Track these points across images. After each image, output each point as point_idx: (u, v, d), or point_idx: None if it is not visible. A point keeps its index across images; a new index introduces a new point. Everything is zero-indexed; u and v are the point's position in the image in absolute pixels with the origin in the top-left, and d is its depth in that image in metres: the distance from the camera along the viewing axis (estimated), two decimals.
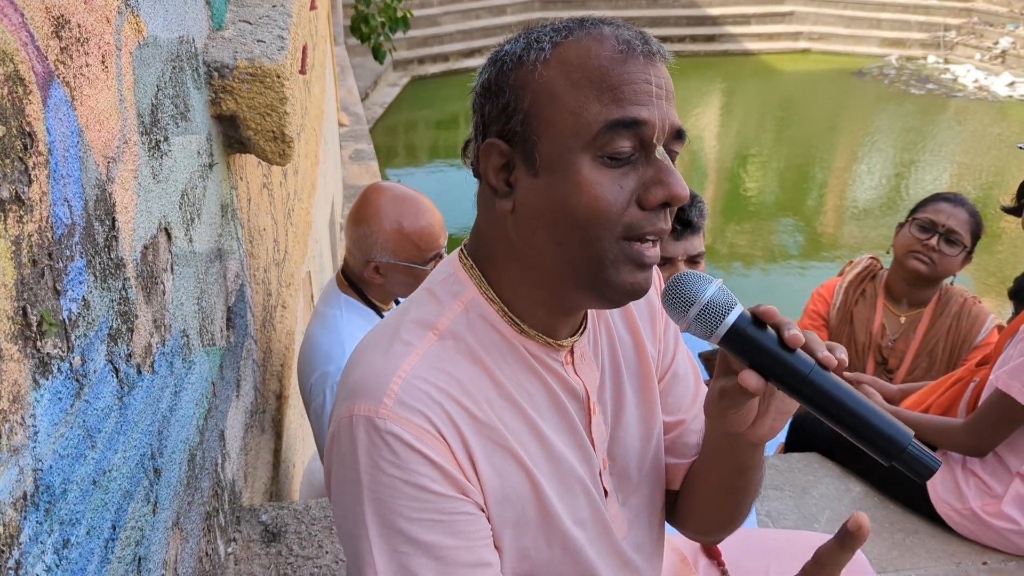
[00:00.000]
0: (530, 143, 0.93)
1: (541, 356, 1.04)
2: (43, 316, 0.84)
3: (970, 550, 2.21)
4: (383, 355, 0.99)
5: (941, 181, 10.87)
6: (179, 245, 1.40)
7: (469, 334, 1.01)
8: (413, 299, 1.07)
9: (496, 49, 1.00)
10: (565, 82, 0.91)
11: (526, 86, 0.93)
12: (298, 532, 1.95)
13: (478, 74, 1.01)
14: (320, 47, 4.43)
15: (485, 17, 15.75)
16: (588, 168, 0.91)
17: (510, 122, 0.94)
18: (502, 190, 0.97)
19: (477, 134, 1.00)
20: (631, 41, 0.92)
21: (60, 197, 0.89)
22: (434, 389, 0.96)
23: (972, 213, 2.74)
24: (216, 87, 1.66)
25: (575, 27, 0.95)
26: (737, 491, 1.17)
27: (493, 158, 0.97)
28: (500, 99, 0.95)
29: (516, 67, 0.95)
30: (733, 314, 0.93)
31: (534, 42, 0.95)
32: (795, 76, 15.49)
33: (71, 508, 0.92)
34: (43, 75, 0.85)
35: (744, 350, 0.93)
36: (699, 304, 0.93)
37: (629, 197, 0.92)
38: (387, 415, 0.93)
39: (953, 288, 2.88)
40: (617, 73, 0.90)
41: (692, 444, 1.26)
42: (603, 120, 0.90)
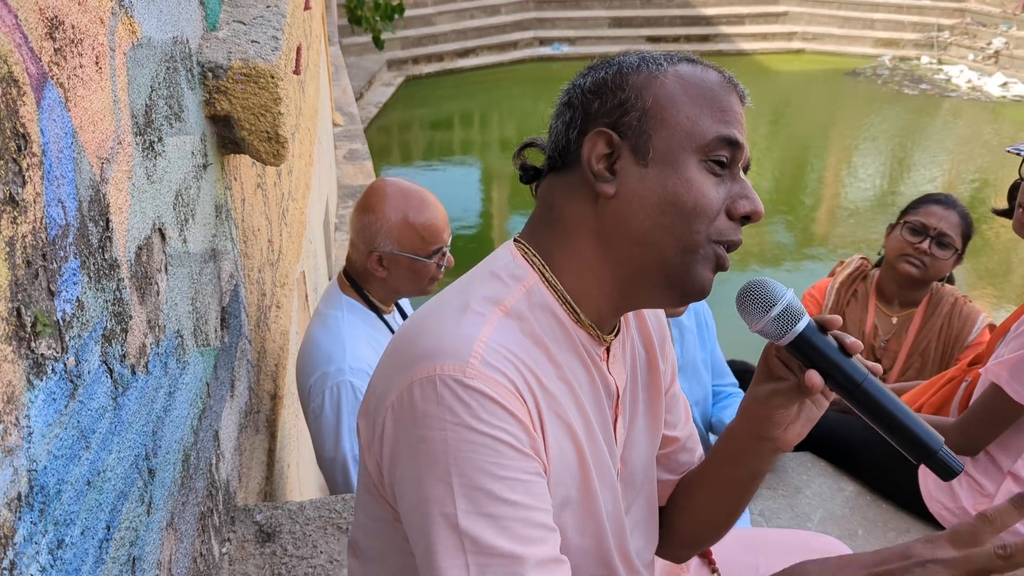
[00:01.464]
0: (644, 136, 1.01)
1: (589, 347, 1.08)
2: (37, 317, 0.84)
3: None
4: (457, 322, 0.99)
5: (934, 181, 10.90)
6: (173, 246, 1.40)
7: (531, 316, 1.03)
8: (475, 278, 1.07)
9: (605, 60, 1.08)
10: (683, 94, 1.01)
11: (647, 88, 1.02)
12: (292, 532, 1.95)
13: (584, 75, 1.08)
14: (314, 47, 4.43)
15: (479, 17, 15.74)
16: (695, 168, 1.00)
17: (627, 116, 1.02)
18: (605, 176, 1.02)
19: (571, 128, 1.06)
20: (732, 79, 1.06)
21: (54, 198, 0.89)
22: (511, 355, 0.98)
23: (963, 215, 2.75)
24: (210, 88, 1.66)
25: (683, 57, 1.06)
26: (743, 496, 1.24)
27: (599, 146, 1.02)
28: (618, 95, 1.03)
29: (637, 71, 1.03)
30: (804, 319, 1.03)
31: (649, 59, 1.05)
32: (789, 76, 15.52)
33: (65, 508, 0.92)
34: (37, 76, 0.86)
35: (808, 353, 1.03)
36: (780, 305, 1.02)
37: (722, 204, 1.02)
38: (475, 374, 0.93)
39: (944, 288, 2.89)
40: (725, 100, 1.03)
41: (683, 462, 1.33)
42: (715, 132, 1.00)
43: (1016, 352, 2.07)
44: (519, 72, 15.11)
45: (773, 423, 1.10)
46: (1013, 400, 2.05)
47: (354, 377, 2.09)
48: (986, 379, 2.16)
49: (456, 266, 2.15)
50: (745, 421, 1.15)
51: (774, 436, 1.11)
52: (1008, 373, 2.07)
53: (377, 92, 13.16)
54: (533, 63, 15.41)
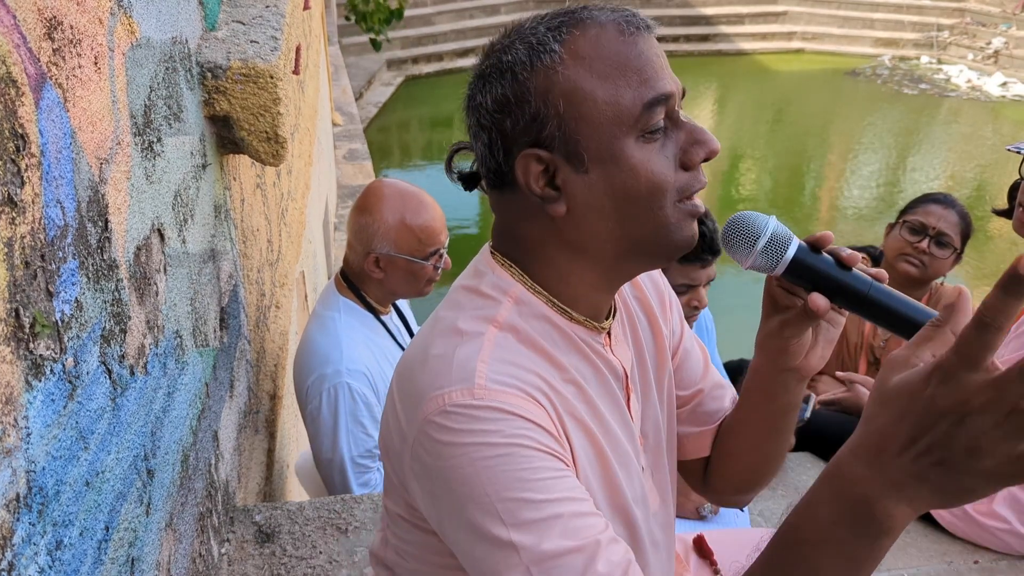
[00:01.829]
0: (572, 143, 0.95)
1: (588, 339, 1.07)
2: (36, 318, 0.84)
3: (962, 549, 2.22)
4: (455, 348, 0.97)
5: (934, 181, 10.90)
6: (172, 246, 1.40)
7: (525, 325, 1.01)
8: (462, 297, 1.06)
9: (490, 62, 0.99)
10: (590, 76, 0.94)
11: (551, 90, 0.95)
12: (292, 532, 1.95)
13: (479, 91, 1.00)
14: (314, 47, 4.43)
15: (479, 16, 15.74)
16: (635, 150, 0.95)
17: (545, 129, 0.95)
18: (550, 196, 0.98)
19: (494, 150, 1.00)
20: (629, 20, 0.97)
21: (53, 199, 0.89)
22: (516, 368, 0.96)
23: (962, 215, 2.75)
24: (209, 88, 1.66)
25: (566, 20, 0.97)
26: (781, 433, 1.22)
27: (532, 167, 0.97)
28: (526, 109, 0.95)
29: (532, 74, 0.95)
30: (794, 244, 1.00)
31: (537, 45, 0.96)
32: (789, 76, 15.51)
33: (64, 509, 0.92)
34: (36, 77, 0.85)
35: (807, 276, 1.00)
36: (765, 236, 0.99)
37: (674, 163, 0.98)
38: (483, 393, 0.91)
39: (943, 288, 2.89)
40: (634, 55, 0.95)
41: (712, 410, 1.32)
42: (640, 102, 0.94)
43: (1016, 353, 2.07)
44: None
45: (791, 354, 1.09)
46: None
47: (351, 379, 2.09)
48: None
49: (456, 265, 2.15)
50: (763, 357, 1.13)
51: (796, 366, 1.09)
52: None
53: (377, 92, 13.16)
54: None
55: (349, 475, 2.15)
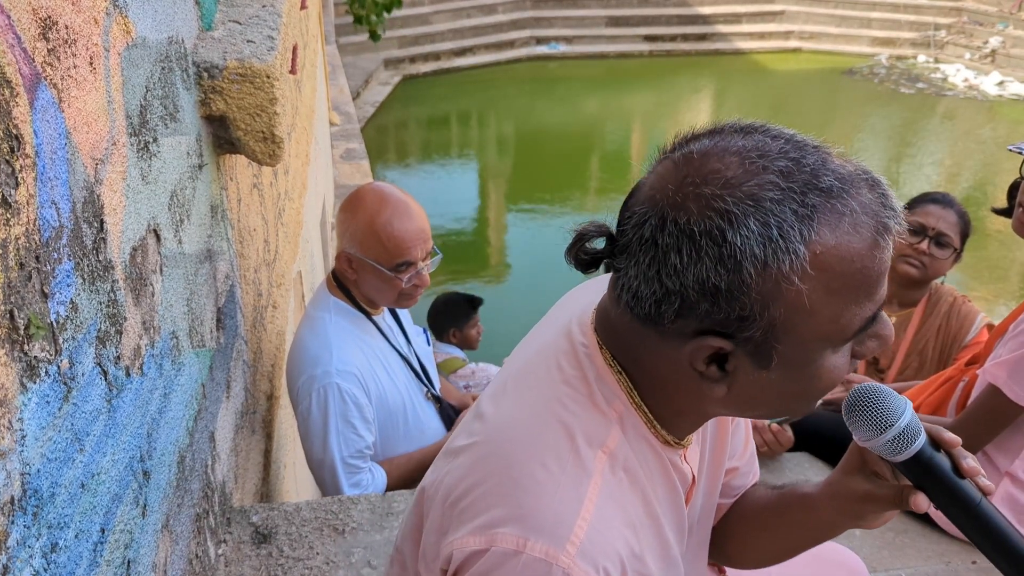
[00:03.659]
0: (767, 347, 0.84)
1: (674, 459, 1.01)
2: (31, 319, 0.84)
3: (960, 549, 2.21)
4: (558, 475, 0.88)
5: (931, 180, 10.90)
6: (168, 246, 1.39)
7: (629, 451, 0.94)
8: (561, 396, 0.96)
9: (707, 225, 0.80)
10: (824, 293, 0.80)
11: (776, 300, 0.80)
12: (288, 533, 1.94)
13: (678, 251, 0.81)
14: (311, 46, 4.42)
15: (476, 16, 15.72)
16: (830, 358, 0.86)
17: (747, 331, 0.82)
18: (713, 376, 0.87)
19: (665, 309, 0.84)
20: (887, 225, 0.83)
21: (48, 200, 0.88)
22: (616, 535, 0.88)
23: (960, 214, 2.75)
24: (206, 88, 1.66)
25: (820, 205, 0.80)
26: (808, 547, 1.19)
27: (706, 350, 0.85)
28: (735, 307, 0.81)
29: (761, 276, 0.79)
30: (920, 440, 0.92)
31: (778, 239, 0.78)
32: (786, 75, 15.52)
33: (59, 512, 0.91)
34: (30, 77, 0.85)
35: (918, 473, 0.94)
36: (897, 428, 0.91)
37: (850, 356, 0.90)
38: (569, 564, 0.83)
39: (943, 287, 2.89)
40: (876, 270, 0.83)
41: (738, 486, 1.28)
42: (859, 323, 0.84)
43: (1014, 352, 2.07)
44: (516, 71, 15.09)
45: (864, 519, 1.03)
46: (1011, 401, 2.05)
47: (341, 379, 2.08)
48: (984, 380, 2.15)
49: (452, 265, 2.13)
50: (831, 507, 1.07)
51: (862, 524, 1.05)
52: (1006, 374, 2.06)
53: (374, 91, 13.15)
54: (530, 62, 15.39)
55: (340, 476, 2.14)
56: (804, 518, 1.15)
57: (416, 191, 2.24)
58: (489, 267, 8.57)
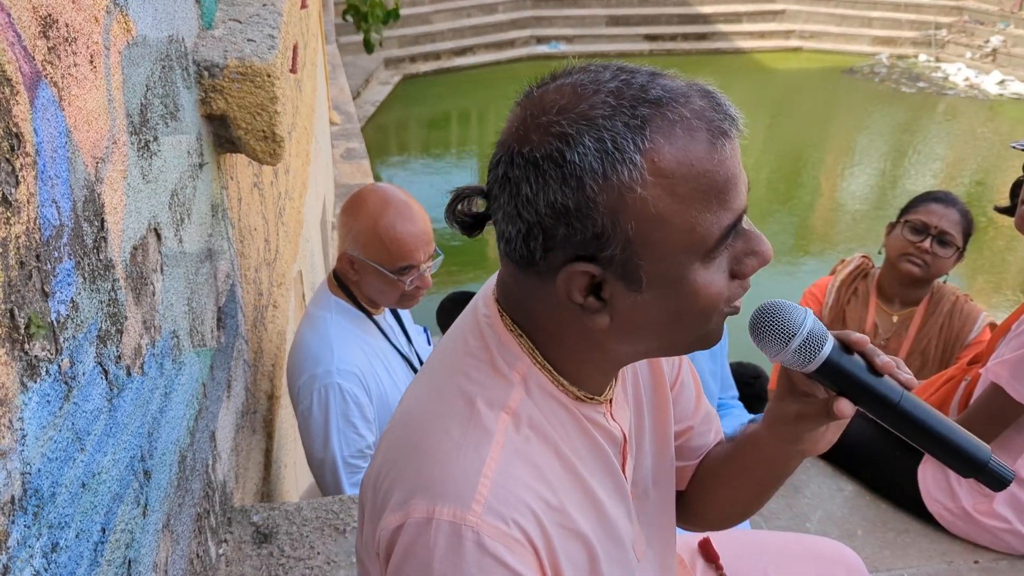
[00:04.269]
0: (632, 266, 0.85)
1: (590, 414, 1.01)
2: (31, 319, 0.83)
3: (962, 549, 2.21)
4: (460, 440, 0.91)
5: (932, 179, 10.90)
6: (169, 246, 1.39)
7: (534, 408, 0.96)
8: (465, 367, 0.98)
9: (547, 151, 0.83)
10: (671, 200, 0.82)
11: (623, 211, 0.82)
12: (289, 533, 1.94)
13: (527, 182, 0.85)
14: (311, 45, 4.42)
15: (476, 15, 15.72)
16: (699, 273, 0.87)
17: (606, 250, 0.84)
18: (593, 307, 0.89)
19: (531, 244, 0.87)
20: (721, 125, 0.85)
21: (48, 198, 0.88)
22: (523, 488, 0.90)
23: (963, 213, 2.74)
24: (206, 86, 1.65)
25: (650, 115, 0.82)
26: (767, 493, 1.22)
27: (577, 279, 0.87)
28: (588, 226, 0.83)
29: (603, 188, 0.82)
30: (828, 344, 0.93)
31: (613, 151, 0.81)
32: (786, 74, 15.51)
33: (60, 511, 0.91)
34: (30, 75, 0.85)
35: (835, 378, 0.95)
36: (801, 336, 0.92)
37: (729, 276, 0.91)
38: (476, 522, 0.85)
39: (945, 286, 2.88)
40: (721, 174, 0.84)
41: (697, 447, 1.29)
42: (718, 231, 0.86)
43: (1017, 351, 2.07)
44: (516, 71, 15.08)
45: (802, 440, 1.05)
46: (1013, 399, 2.05)
47: (342, 379, 2.08)
48: (986, 378, 2.15)
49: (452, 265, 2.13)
50: (770, 436, 1.10)
51: (803, 449, 1.07)
52: (1008, 372, 2.06)
53: (374, 91, 13.14)
54: (530, 62, 15.38)
55: (341, 475, 2.14)
56: (753, 457, 1.17)
57: (416, 191, 2.23)
58: (488, 267, 8.57)
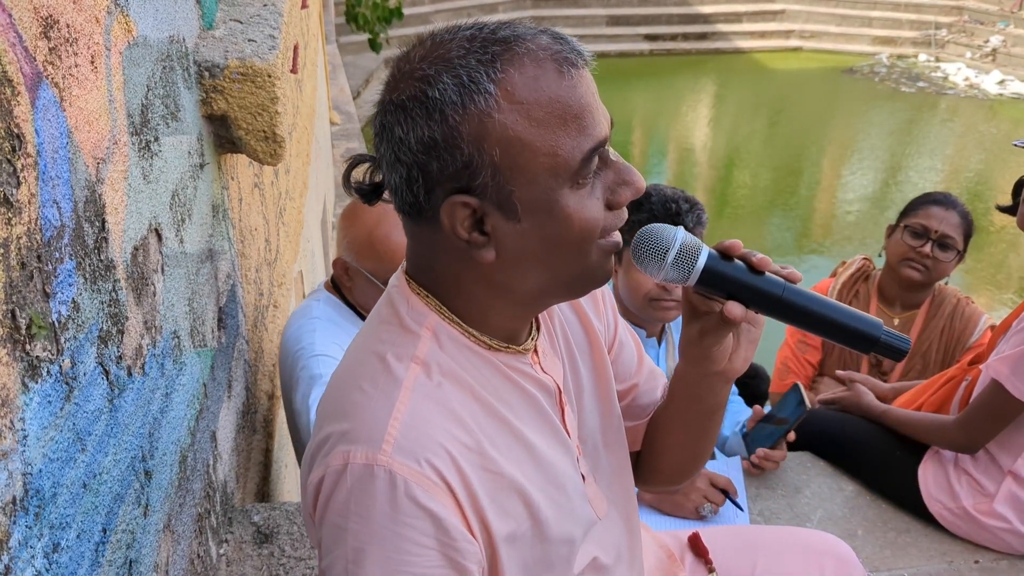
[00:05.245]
0: (505, 192, 0.90)
1: (512, 363, 1.04)
2: (32, 319, 0.83)
3: (962, 549, 2.21)
4: (371, 391, 0.94)
5: (932, 179, 10.90)
6: (170, 246, 1.39)
7: (446, 357, 0.98)
8: (378, 333, 1.03)
9: (411, 92, 0.90)
10: (529, 124, 0.88)
11: (486, 137, 0.88)
12: (290, 533, 1.94)
13: (399, 124, 0.90)
14: (312, 45, 4.42)
15: (476, 15, 15.62)
16: (569, 198, 0.92)
17: (478, 177, 0.89)
18: (478, 242, 0.93)
19: (414, 187, 0.92)
20: (567, 56, 0.91)
21: (49, 199, 0.88)
22: (435, 429, 0.92)
23: (963, 215, 2.73)
24: (207, 87, 1.66)
25: (500, 52, 0.89)
26: (708, 431, 1.24)
27: (459, 212, 0.91)
28: (457, 156, 0.88)
29: (464, 118, 0.87)
30: (703, 254, 1.00)
31: (469, 83, 0.87)
32: (786, 74, 15.51)
33: (61, 512, 0.91)
34: (31, 76, 0.85)
35: (719, 285, 1.02)
36: (675, 248, 0.99)
37: (602, 203, 0.95)
38: (386, 462, 0.88)
39: (947, 289, 2.88)
40: (574, 101, 0.90)
41: (645, 404, 1.32)
42: (579, 153, 0.90)
43: (1017, 348, 2.07)
44: None
45: (714, 359, 1.09)
46: (1013, 397, 2.05)
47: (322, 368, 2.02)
48: (987, 375, 2.15)
49: None
50: (687, 363, 1.14)
51: (721, 370, 1.10)
52: (1009, 369, 2.06)
53: (375, 91, 13.10)
54: None
55: None
56: (682, 394, 1.21)
57: None
58: None
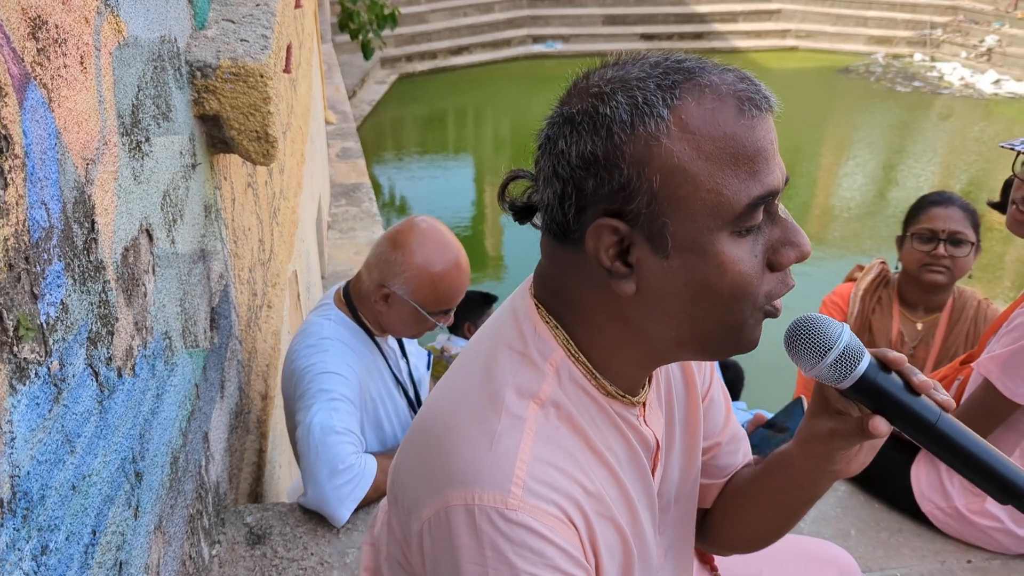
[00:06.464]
0: (658, 224, 0.86)
1: (624, 413, 1.01)
2: (20, 321, 0.83)
3: (955, 548, 2.21)
4: (493, 432, 0.90)
5: (927, 178, 10.92)
6: (161, 246, 1.39)
7: (565, 399, 0.95)
8: (501, 352, 0.98)
9: (583, 107, 0.88)
10: (697, 156, 0.84)
11: (649, 162, 0.84)
12: (283, 534, 1.94)
13: (564, 137, 0.89)
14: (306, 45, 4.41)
15: (473, 15, 15.71)
16: (727, 245, 0.86)
17: (632, 202, 0.85)
18: (620, 271, 0.89)
19: (565, 204, 0.89)
20: (752, 98, 0.87)
21: (37, 200, 0.88)
22: (557, 472, 0.90)
23: (963, 207, 2.72)
24: (199, 87, 1.65)
25: (681, 80, 0.86)
26: (797, 515, 1.19)
27: (606, 237, 0.87)
28: (615, 176, 0.85)
29: (631, 138, 0.84)
30: (864, 361, 0.92)
31: (643, 105, 0.85)
32: (782, 74, 15.52)
33: (50, 514, 0.91)
34: (19, 77, 0.84)
35: (871, 396, 0.94)
36: (837, 350, 0.92)
37: (763, 263, 0.90)
38: (518, 506, 0.85)
39: (966, 291, 2.85)
40: (750, 142, 0.85)
41: (723, 466, 1.28)
42: (746, 199, 0.85)
43: (1008, 347, 2.07)
44: (512, 70, 15.09)
45: (835, 460, 1.04)
46: (1004, 396, 2.05)
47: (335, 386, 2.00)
48: (978, 375, 2.15)
49: None
50: (802, 455, 1.08)
51: (836, 469, 1.05)
52: (999, 368, 2.06)
53: (370, 90, 13.13)
54: (527, 61, 15.39)
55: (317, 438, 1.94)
56: (783, 477, 1.16)
57: (412, 190, 2.20)
58: (486, 266, 8.56)
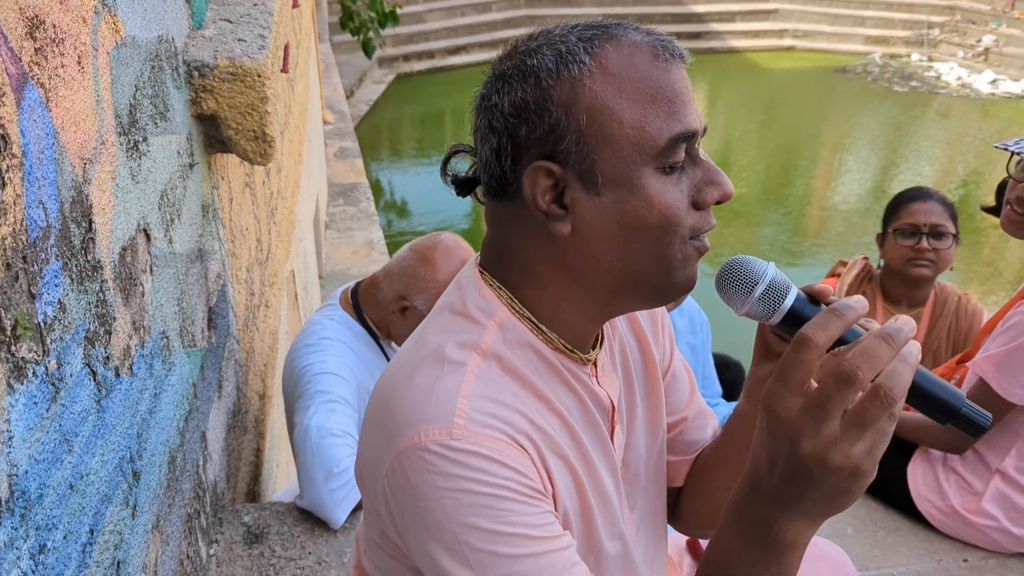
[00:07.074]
0: (588, 162, 0.90)
1: (574, 370, 1.03)
2: (17, 320, 0.83)
3: (951, 547, 2.22)
4: (436, 378, 0.93)
5: (924, 178, 10.93)
6: (159, 246, 1.39)
7: (509, 353, 0.97)
8: (445, 317, 1.01)
9: (512, 63, 0.94)
10: (619, 95, 0.90)
11: (575, 102, 0.90)
12: (280, 533, 1.94)
13: (496, 91, 0.94)
14: (304, 44, 4.41)
15: (470, 14, 15.72)
16: (652, 179, 0.91)
17: (562, 143, 0.90)
18: (556, 214, 0.93)
19: (502, 156, 0.94)
20: (665, 46, 0.93)
21: (35, 200, 0.88)
22: (501, 407, 0.92)
23: (941, 201, 2.75)
24: (196, 87, 1.65)
25: (600, 34, 0.92)
26: None
27: (541, 181, 0.92)
28: (545, 119, 0.90)
29: (557, 82, 0.90)
30: (792, 293, 0.95)
31: (566, 54, 0.91)
32: (780, 73, 15.54)
33: (47, 513, 0.91)
34: (17, 77, 0.85)
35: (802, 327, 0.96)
36: (763, 284, 0.94)
37: (688, 200, 0.94)
38: (463, 434, 0.87)
39: (947, 286, 2.88)
40: (666, 84, 0.91)
41: (693, 441, 1.29)
42: (667, 135, 0.90)
43: (1002, 347, 2.07)
44: None
45: None
46: (998, 396, 2.06)
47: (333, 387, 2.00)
48: (973, 374, 2.16)
49: None
50: (752, 403, 1.10)
51: None
52: (994, 368, 2.07)
53: (368, 90, 13.13)
54: None
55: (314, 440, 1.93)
56: (741, 433, 1.16)
57: (410, 189, 2.20)
58: None
